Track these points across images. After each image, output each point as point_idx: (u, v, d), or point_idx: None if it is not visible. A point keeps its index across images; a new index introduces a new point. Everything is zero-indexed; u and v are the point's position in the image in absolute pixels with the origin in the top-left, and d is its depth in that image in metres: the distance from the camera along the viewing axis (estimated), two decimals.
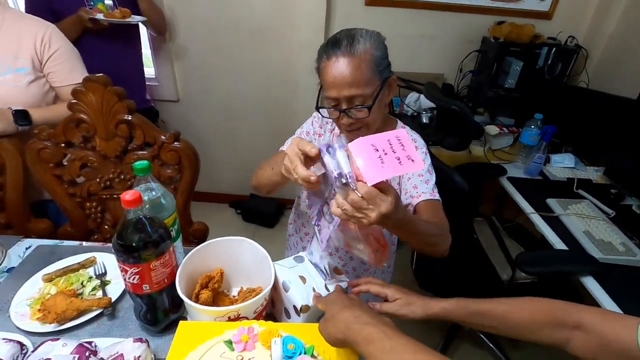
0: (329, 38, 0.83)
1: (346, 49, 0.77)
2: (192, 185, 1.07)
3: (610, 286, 1.06)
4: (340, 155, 0.58)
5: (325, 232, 0.70)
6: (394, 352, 0.44)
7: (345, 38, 0.79)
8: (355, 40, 0.78)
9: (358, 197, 0.54)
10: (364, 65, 0.78)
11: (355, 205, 0.55)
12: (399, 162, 0.54)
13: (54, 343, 0.63)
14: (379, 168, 0.53)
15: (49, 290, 0.79)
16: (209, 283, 0.73)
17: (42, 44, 1.11)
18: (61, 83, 1.17)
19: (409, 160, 0.54)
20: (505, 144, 1.88)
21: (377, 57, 0.80)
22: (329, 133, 1.01)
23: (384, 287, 0.71)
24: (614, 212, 1.39)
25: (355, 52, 0.77)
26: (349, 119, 0.84)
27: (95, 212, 1.08)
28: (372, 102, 0.80)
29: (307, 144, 0.64)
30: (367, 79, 0.79)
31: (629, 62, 1.82)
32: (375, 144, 0.55)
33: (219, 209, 2.60)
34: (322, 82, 0.84)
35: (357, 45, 0.77)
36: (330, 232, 0.68)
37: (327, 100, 0.84)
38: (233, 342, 0.56)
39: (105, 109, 0.94)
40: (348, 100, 0.80)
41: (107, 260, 0.88)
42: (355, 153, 0.54)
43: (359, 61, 0.77)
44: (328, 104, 0.85)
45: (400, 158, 0.54)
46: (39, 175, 1.00)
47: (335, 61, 0.78)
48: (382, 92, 0.83)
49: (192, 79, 2.25)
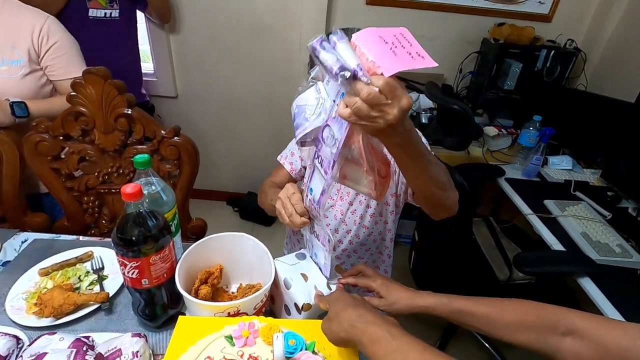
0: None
1: None
2: (191, 180, 1.06)
3: (607, 287, 1.06)
4: (343, 47, 0.47)
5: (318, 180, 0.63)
6: (399, 352, 0.44)
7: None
8: None
9: (375, 91, 0.44)
10: None
11: (372, 101, 0.45)
12: (411, 57, 0.47)
13: (50, 337, 0.62)
14: (394, 59, 0.45)
15: (46, 284, 0.78)
16: (209, 279, 0.72)
17: (39, 36, 1.09)
18: (60, 77, 1.16)
19: (420, 57, 0.47)
20: (503, 145, 1.89)
21: None
22: None
23: (369, 281, 0.71)
24: (611, 214, 1.41)
25: None
26: None
27: (93, 206, 1.07)
28: None
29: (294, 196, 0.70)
30: None
31: (627, 66, 1.83)
32: (382, 36, 0.47)
33: (216, 206, 2.59)
34: None
35: None
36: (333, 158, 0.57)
37: None
38: (233, 338, 0.56)
39: (105, 102, 0.94)
40: None
41: (104, 255, 0.87)
42: (363, 44, 0.46)
43: None
44: None
45: (411, 53, 0.47)
46: (36, 168, 0.99)
47: None
48: None
49: (191, 75, 2.24)
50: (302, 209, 0.70)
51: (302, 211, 0.70)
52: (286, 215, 0.71)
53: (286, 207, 0.71)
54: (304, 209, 0.70)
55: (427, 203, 0.76)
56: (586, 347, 0.49)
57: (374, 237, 0.99)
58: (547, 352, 0.53)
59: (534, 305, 0.56)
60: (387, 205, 0.96)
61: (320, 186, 0.64)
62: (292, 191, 0.72)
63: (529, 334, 0.54)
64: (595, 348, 0.48)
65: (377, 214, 0.96)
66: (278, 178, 1.02)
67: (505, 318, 0.56)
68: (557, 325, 0.52)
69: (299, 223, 0.70)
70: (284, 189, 0.74)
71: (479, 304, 0.59)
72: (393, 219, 0.99)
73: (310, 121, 0.60)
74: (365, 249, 1.01)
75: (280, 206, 0.73)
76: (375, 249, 1.03)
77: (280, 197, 0.73)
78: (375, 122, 0.47)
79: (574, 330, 0.50)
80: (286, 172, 1.02)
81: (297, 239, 1.13)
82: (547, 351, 0.53)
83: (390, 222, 0.99)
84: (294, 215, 0.69)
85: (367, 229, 0.97)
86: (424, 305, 0.63)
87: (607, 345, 0.47)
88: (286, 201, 0.72)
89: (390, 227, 1.00)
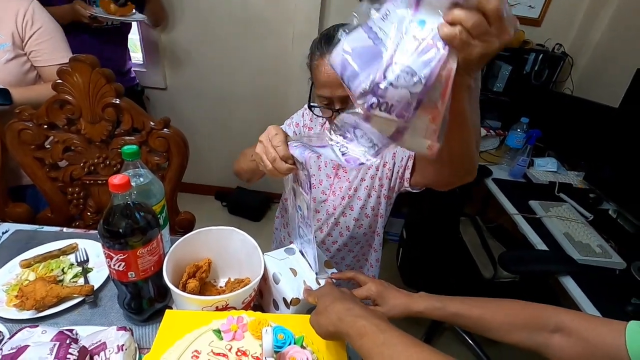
0: (322, 33, 0.81)
1: None
2: (180, 173, 1.05)
3: (587, 286, 1.09)
4: None
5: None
6: (386, 345, 0.44)
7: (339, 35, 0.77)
8: None
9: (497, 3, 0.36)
10: None
11: (496, 13, 0.37)
12: None
13: (32, 330, 0.61)
14: None
15: (27, 276, 0.76)
16: (197, 272, 0.72)
17: (24, 20, 1.06)
18: (44, 63, 1.12)
19: None
20: (491, 146, 1.92)
21: None
22: (320, 127, 1.01)
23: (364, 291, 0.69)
24: (592, 216, 1.45)
25: None
26: None
27: (78, 197, 1.04)
28: None
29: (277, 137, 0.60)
30: None
31: (612, 72, 1.88)
32: None
33: (204, 200, 2.56)
34: (315, 80, 0.81)
35: None
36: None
37: (320, 98, 0.82)
38: (222, 332, 0.55)
39: (92, 91, 0.91)
40: (342, 100, 0.78)
41: (89, 247, 0.85)
42: None
43: None
44: (320, 102, 0.83)
45: None
46: (19, 157, 0.96)
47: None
48: None
49: (181, 67, 2.20)
50: (286, 152, 0.60)
51: (286, 154, 0.60)
52: (269, 161, 0.61)
53: (268, 151, 0.61)
54: (287, 153, 0.60)
55: (460, 164, 0.65)
56: (574, 343, 0.51)
57: (364, 230, 0.99)
58: (537, 349, 0.55)
59: (524, 305, 0.58)
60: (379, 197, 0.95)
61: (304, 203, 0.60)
62: (274, 132, 0.62)
63: (520, 333, 0.56)
64: (582, 344, 0.50)
65: (367, 207, 0.95)
66: None
67: (497, 319, 0.58)
68: (547, 323, 0.54)
69: (284, 169, 0.60)
70: (266, 131, 0.63)
71: (472, 306, 0.60)
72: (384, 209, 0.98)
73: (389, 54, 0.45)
74: (356, 242, 1.01)
75: (262, 151, 0.62)
76: (365, 242, 1.03)
77: (262, 139, 0.63)
78: (491, 42, 0.39)
79: (562, 328, 0.53)
80: None
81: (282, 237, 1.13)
82: (537, 348, 0.55)
83: (380, 215, 0.98)
84: (278, 160, 0.60)
85: (356, 221, 0.96)
86: (418, 310, 0.63)
87: (593, 341, 0.49)
88: (267, 144, 0.61)
89: (380, 221, 1.00)
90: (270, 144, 0.61)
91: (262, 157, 0.62)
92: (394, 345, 0.44)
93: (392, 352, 0.43)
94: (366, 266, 1.09)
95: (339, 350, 0.58)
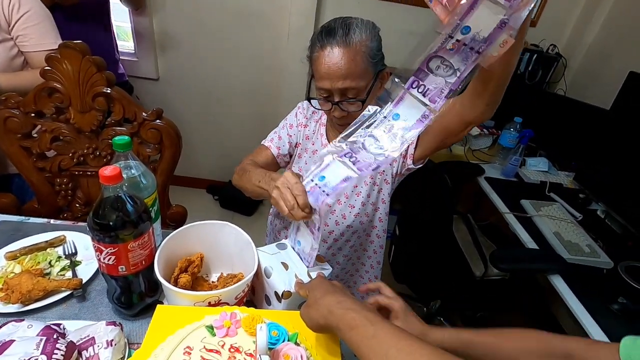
0: (323, 25, 0.81)
1: (341, 39, 0.75)
2: (172, 166, 1.03)
3: (576, 285, 1.11)
4: None
5: None
6: (376, 338, 0.43)
7: (340, 27, 0.76)
8: (351, 30, 0.76)
9: None
10: (359, 57, 0.76)
11: None
12: None
13: (17, 324, 0.59)
14: None
15: (13, 268, 0.74)
16: (189, 267, 0.70)
17: (10, 3, 1.02)
18: (32, 48, 1.09)
19: None
20: (484, 144, 1.93)
21: (372, 48, 0.78)
22: (315, 123, 1.00)
23: (391, 300, 0.68)
24: (582, 216, 1.47)
25: (350, 42, 0.75)
26: (341, 112, 0.82)
27: (66, 188, 1.01)
28: (366, 96, 0.79)
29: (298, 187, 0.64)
30: (362, 71, 0.77)
31: (604, 74, 1.91)
32: None
33: (196, 193, 2.53)
34: (315, 72, 0.81)
35: (353, 35, 0.76)
36: None
37: (319, 91, 0.82)
38: (214, 327, 0.54)
39: (83, 79, 0.88)
40: (341, 93, 0.78)
41: (77, 240, 0.83)
42: None
43: (354, 52, 0.76)
44: (320, 94, 0.83)
45: None
46: (4, 146, 0.93)
47: (330, 51, 0.76)
48: (375, 85, 0.81)
49: (173, 57, 2.16)
50: (305, 202, 0.64)
51: (304, 204, 0.64)
52: (286, 208, 0.65)
53: (286, 199, 0.65)
54: (306, 202, 0.64)
55: (502, 87, 0.67)
56: None
57: (360, 219, 0.97)
58: None
59: (533, 333, 0.60)
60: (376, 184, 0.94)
61: (343, 173, 0.61)
62: (294, 181, 0.66)
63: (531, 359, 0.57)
64: None
65: (365, 196, 0.94)
66: (260, 158, 0.99)
67: (509, 345, 0.59)
68: (556, 350, 0.56)
69: (300, 217, 0.64)
70: (284, 177, 0.67)
71: (486, 335, 0.62)
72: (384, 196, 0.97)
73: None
74: (352, 230, 0.99)
75: (279, 196, 0.67)
76: (363, 232, 1.01)
77: (279, 186, 0.67)
78: None
79: (570, 354, 0.55)
80: (270, 154, 0.99)
81: (278, 230, 1.12)
82: None
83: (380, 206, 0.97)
84: (296, 209, 0.64)
85: (352, 208, 0.95)
86: (434, 340, 0.63)
87: None
88: (286, 192, 0.65)
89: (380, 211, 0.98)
90: (290, 192, 0.65)
91: (279, 202, 0.66)
92: (384, 338, 0.43)
93: (382, 345, 0.42)
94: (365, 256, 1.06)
95: (333, 347, 0.57)
